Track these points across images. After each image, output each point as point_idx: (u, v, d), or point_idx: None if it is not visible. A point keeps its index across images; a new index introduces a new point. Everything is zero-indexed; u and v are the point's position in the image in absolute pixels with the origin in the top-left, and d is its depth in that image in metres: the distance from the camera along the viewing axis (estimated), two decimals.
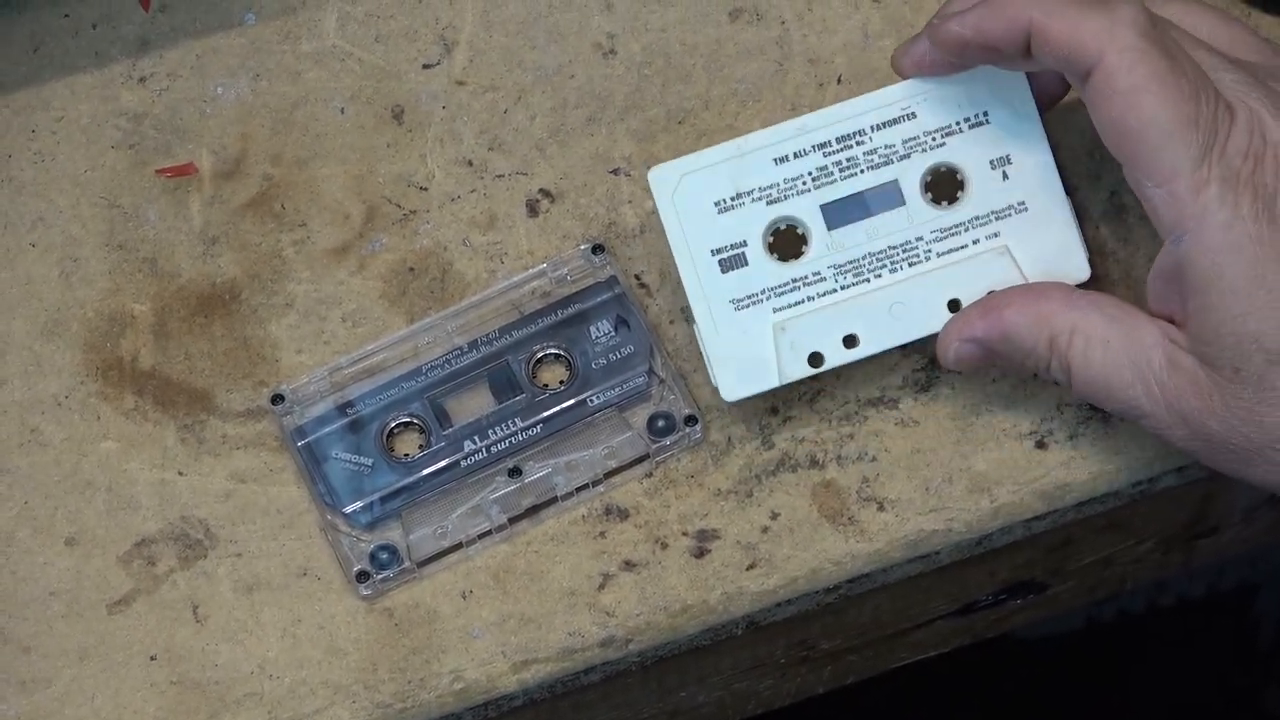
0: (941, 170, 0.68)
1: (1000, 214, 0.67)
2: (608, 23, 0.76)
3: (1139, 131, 0.62)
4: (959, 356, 0.67)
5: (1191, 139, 0.61)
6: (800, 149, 0.67)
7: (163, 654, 0.69)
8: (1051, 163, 0.68)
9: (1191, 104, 0.61)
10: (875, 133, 0.67)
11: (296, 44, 0.76)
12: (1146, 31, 0.62)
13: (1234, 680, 1.42)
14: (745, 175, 0.67)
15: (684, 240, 0.66)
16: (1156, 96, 0.61)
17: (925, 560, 0.71)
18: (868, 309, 0.66)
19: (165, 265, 0.73)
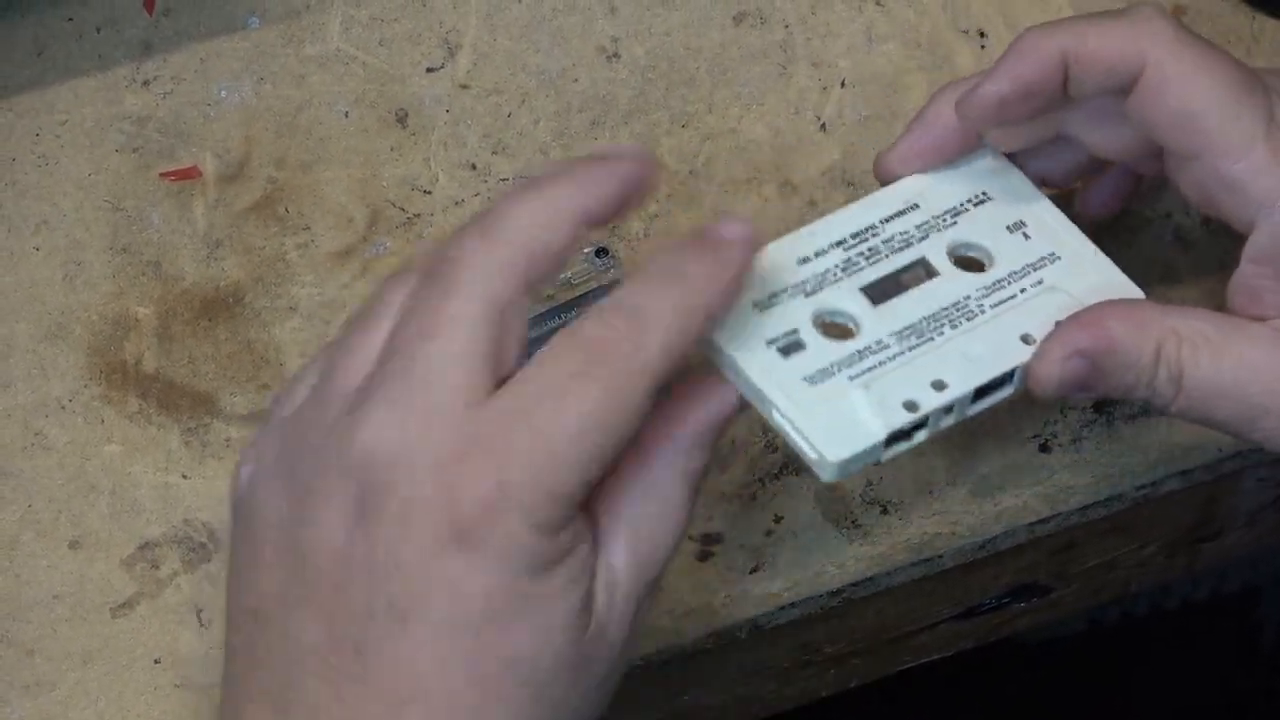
0: (962, 244, 0.66)
1: (1036, 265, 0.65)
2: (611, 26, 0.76)
3: (1204, 112, 0.61)
4: (1065, 376, 0.63)
5: (1258, 103, 0.61)
6: (819, 248, 0.65)
7: (166, 657, 0.69)
8: (1064, 217, 0.66)
9: (1243, 73, 0.62)
10: (885, 225, 0.65)
11: (300, 47, 0.76)
12: (1177, 24, 0.62)
13: (1238, 683, 1.42)
14: (775, 277, 0.64)
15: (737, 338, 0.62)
16: (1210, 74, 0.61)
17: (928, 563, 0.71)
18: (943, 359, 0.62)
19: (169, 268, 0.73)
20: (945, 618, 0.82)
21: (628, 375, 0.57)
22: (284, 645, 0.58)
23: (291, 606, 0.58)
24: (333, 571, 0.57)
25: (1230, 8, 0.75)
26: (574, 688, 0.58)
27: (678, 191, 0.74)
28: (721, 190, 0.74)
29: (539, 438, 0.56)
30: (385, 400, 0.57)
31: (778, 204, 0.74)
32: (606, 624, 0.58)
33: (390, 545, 0.56)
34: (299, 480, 0.58)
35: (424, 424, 0.56)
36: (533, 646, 0.57)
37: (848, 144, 0.74)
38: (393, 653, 0.56)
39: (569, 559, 0.57)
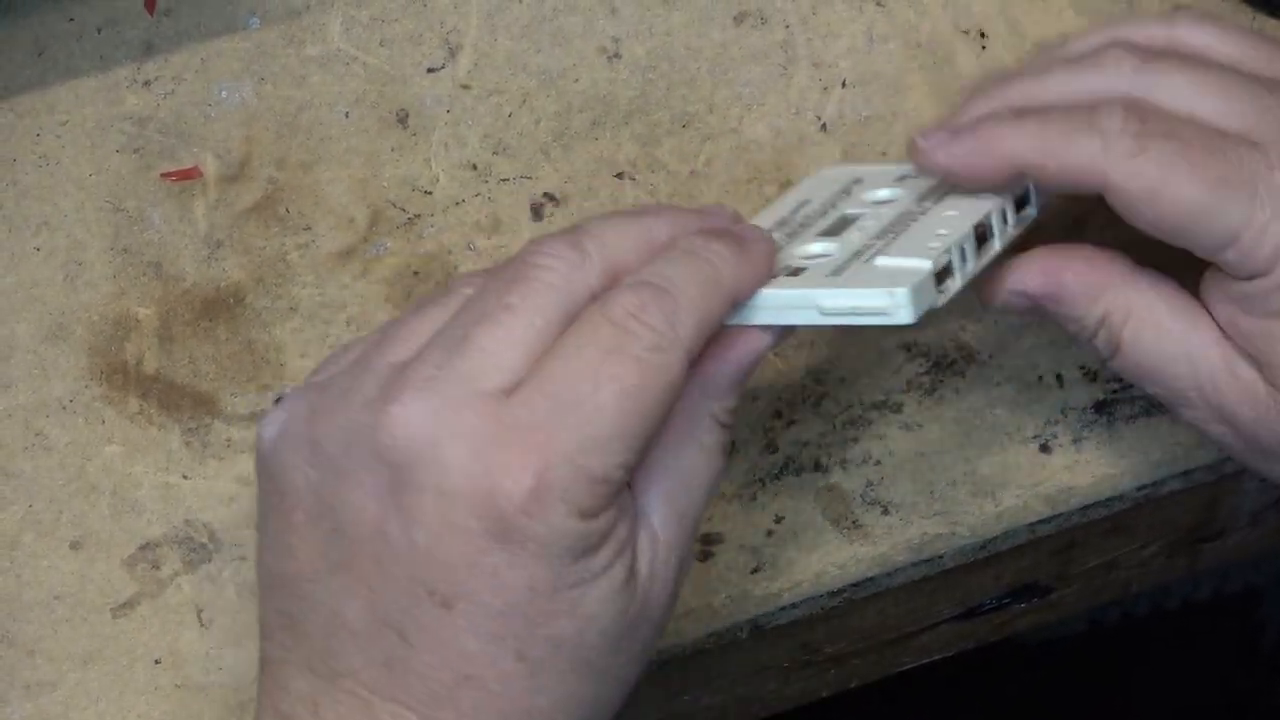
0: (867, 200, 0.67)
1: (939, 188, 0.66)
2: (612, 26, 0.76)
3: (1179, 222, 0.59)
4: (1006, 304, 0.64)
5: (1232, 196, 0.59)
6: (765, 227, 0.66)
7: (167, 658, 0.69)
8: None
9: (1215, 166, 0.59)
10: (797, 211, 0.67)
11: (301, 48, 0.76)
12: (1139, 129, 0.59)
13: (1238, 684, 1.42)
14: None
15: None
16: (1177, 184, 0.59)
17: (929, 564, 0.71)
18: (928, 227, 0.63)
19: (170, 269, 0.73)
20: (946, 618, 0.82)
21: (662, 350, 0.57)
22: (325, 617, 0.57)
23: (329, 575, 0.57)
24: (370, 545, 0.56)
25: (1230, 8, 0.75)
26: (619, 655, 0.58)
27: (679, 191, 0.74)
28: (722, 190, 0.74)
29: (577, 423, 0.55)
30: (421, 381, 0.56)
31: None
32: (650, 587, 0.58)
33: (430, 536, 0.55)
34: (327, 450, 0.57)
35: (458, 410, 0.56)
36: (579, 626, 0.57)
37: (848, 144, 0.74)
38: (439, 636, 0.56)
39: (611, 536, 0.57)
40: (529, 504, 0.55)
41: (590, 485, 0.55)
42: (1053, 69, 0.63)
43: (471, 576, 0.55)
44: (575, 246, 0.58)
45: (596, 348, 0.56)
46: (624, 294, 0.57)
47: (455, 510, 0.55)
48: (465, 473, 0.55)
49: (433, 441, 0.55)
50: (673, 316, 0.57)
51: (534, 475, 0.55)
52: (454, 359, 0.56)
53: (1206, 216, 0.59)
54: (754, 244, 0.61)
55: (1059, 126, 0.60)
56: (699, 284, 0.58)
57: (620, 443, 0.56)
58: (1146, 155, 0.59)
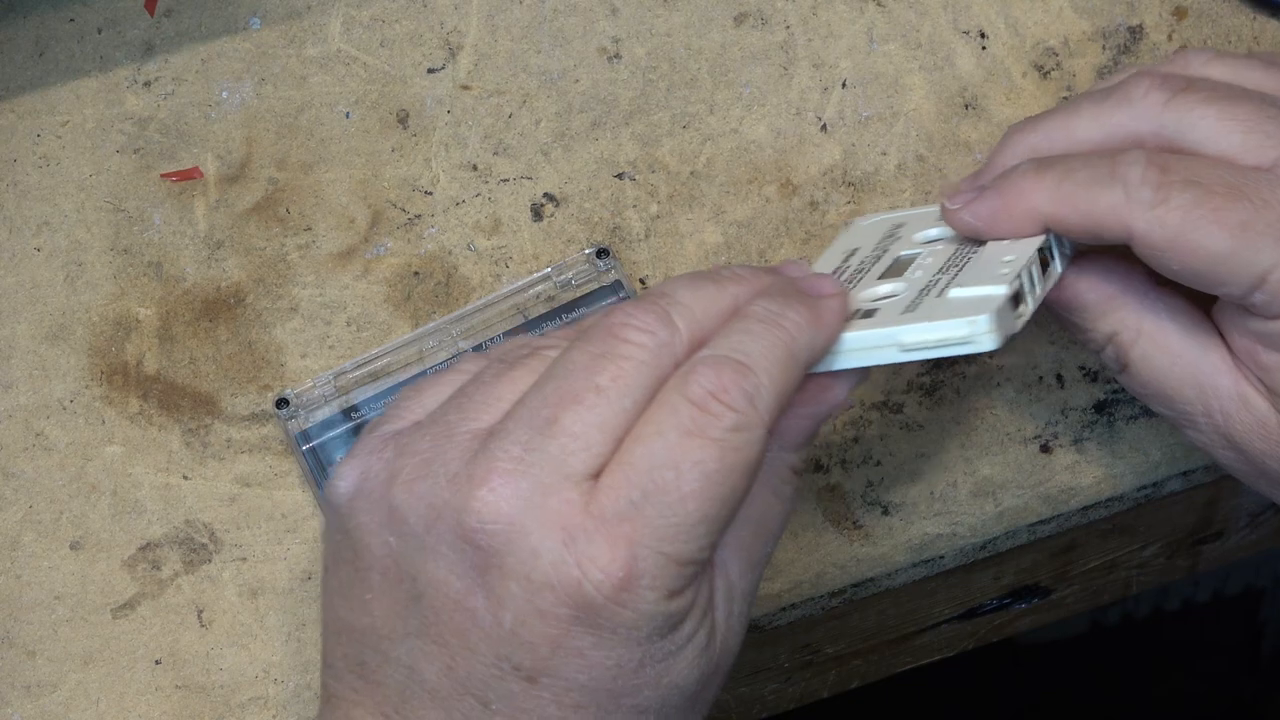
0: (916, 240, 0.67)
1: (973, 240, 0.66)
2: (612, 27, 0.76)
3: (1205, 269, 0.59)
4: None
5: (1256, 241, 0.58)
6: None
7: (167, 658, 0.69)
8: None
9: (1238, 211, 0.58)
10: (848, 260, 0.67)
11: (301, 48, 0.76)
12: (1160, 180, 0.59)
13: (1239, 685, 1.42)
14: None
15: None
16: (1200, 232, 0.58)
17: (930, 564, 0.71)
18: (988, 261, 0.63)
19: (170, 269, 0.73)
20: (946, 619, 0.82)
21: (742, 430, 0.56)
22: (402, 674, 0.58)
23: (405, 635, 0.57)
24: (453, 617, 0.56)
25: (1231, 8, 0.75)
26: (694, 711, 0.59)
27: (679, 192, 0.74)
28: (723, 191, 0.74)
29: (662, 511, 0.55)
30: (510, 462, 0.56)
31: (779, 204, 0.74)
32: (727, 640, 0.59)
33: (516, 619, 0.55)
34: (408, 520, 0.57)
35: (546, 497, 0.55)
36: (663, 695, 0.57)
37: (849, 144, 0.74)
38: (522, 706, 0.56)
39: (695, 606, 0.57)
40: (618, 594, 0.55)
41: (678, 569, 0.56)
42: (1082, 105, 0.62)
43: (556, 656, 0.56)
44: (665, 322, 0.58)
45: (678, 431, 0.56)
46: (704, 373, 0.57)
47: (543, 598, 0.55)
48: (554, 562, 0.55)
49: (522, 530, 0.55)
50: (753, 395, 0.56)
51: (622, 567, 0.55)
52: (542, 440, 0.56)
53: (1231, 263, 0.58)
54: (828, 300, 0.60)
55: (1080, 178, 0.60)
56: (777, 357, 0.58)
57: (705, 526, 0.56)
58: (1168, 205, 0.58)
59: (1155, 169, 0.59)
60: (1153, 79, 0.61)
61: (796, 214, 0.74)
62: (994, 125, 0.74)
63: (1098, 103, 0.62)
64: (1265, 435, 0.61)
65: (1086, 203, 0.59)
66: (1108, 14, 0.75)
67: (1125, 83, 0.62)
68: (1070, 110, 0.62)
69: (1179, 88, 0.61)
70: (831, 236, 0.73)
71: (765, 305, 0.59)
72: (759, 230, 0.73)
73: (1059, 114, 0.63)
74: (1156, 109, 0.60)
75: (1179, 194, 0.58)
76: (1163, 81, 0.61)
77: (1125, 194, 0.59)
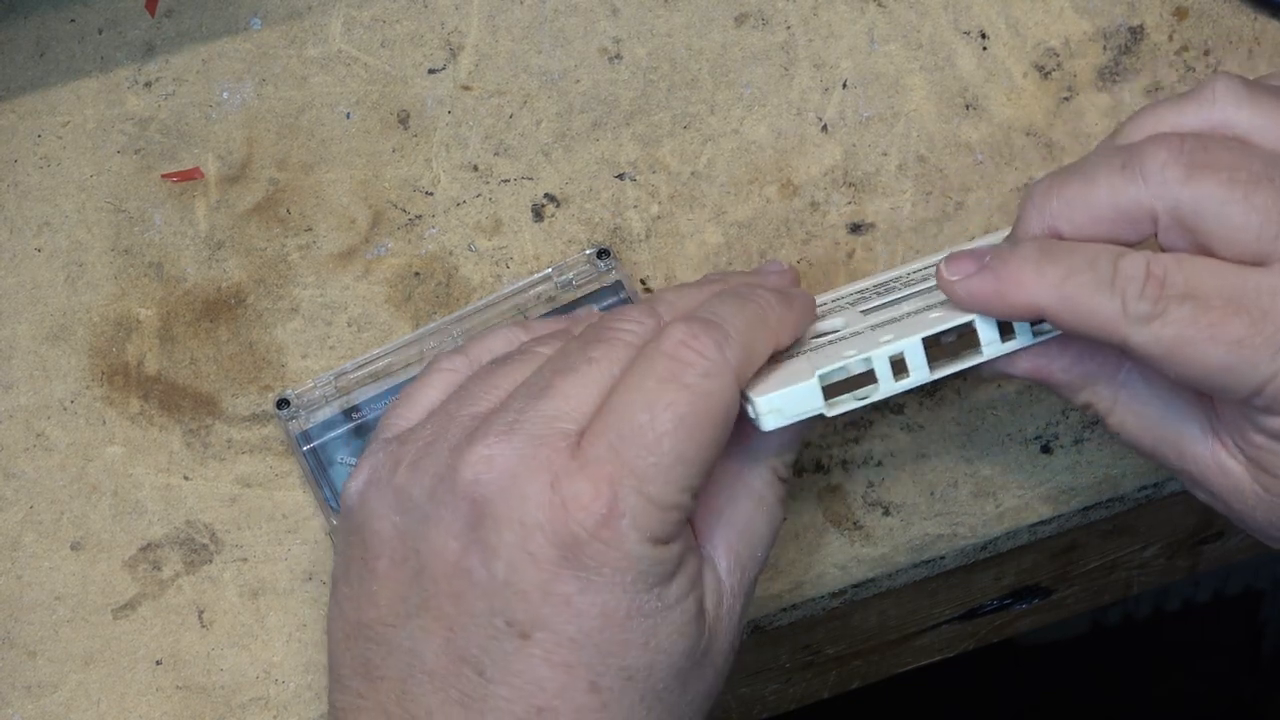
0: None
1: None
2: (613, 28, 0.76)
3: (1200, 380, 0.59)
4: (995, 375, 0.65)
5: (1253, 356, 0.58)
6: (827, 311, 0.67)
7: (168, 659, 0.69)
8: None
9: (1235, 327, 0.58)
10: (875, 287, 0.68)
11: (302, 49, 0.76)
12: (1158, 293, 0.58)
13: (1240, 685, 1.42)
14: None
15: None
16: (1196, 349, 0.58)
17: (930, 565, 0.71)
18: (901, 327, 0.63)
19: (171, 270, 0.73)
20: (947, 619, 0.82)
21: (712, 375, 0.59)
22: (403, 660, 0.59)
23: (408, 616, 0.59)
24: (450, 582, 0.59)
25: (1231, 8, 0.75)
26: (686, 694, 0.60)
27: (680, 192, 0.74)
28: (724, 191, 0.74)
29: (640, 452, 0.58)
30: (505, 425, 0.59)
31: (779, 205, 0.74)
32: (716, 630, 0.61)
33: (508, 566, 0.58)
34: (413, 496, 0.60)
35: (537, 448, 0.58)
36: (650, 658, 0.58)
37: (849, 145, 0.74)
38: (515, 668, 0.58)
39: (681, 572, 0.59)
40: (600, 529, 0.57)
41: (659, 511, 0.58)
42: (1099, 173, 0.61)
43: (546, 603, 0.58)
44: (651, 313, 0.62)
45: (653, 379, 0.59)
46: (676, 328, 0.60)
47: (532, 539, 0.58)
48: (540, 503, 0.58)
49: (513, 477, 0.58)
50: (722, 344, 0.59)
51: (605, 504, 0.57)
52: (536, 403, 0.59)
53: (1227, 377, 0.58)
54: (797, 297, 0.64)
55: (1082, 282, 0.59)
56: (746, 318, 0.61)
57: (682, 468, 0.58)
58: (1165, 319, 0.58)
59: (1154, 283, 0.58)
60: (1171, 149, 0.59)
61: (797, 214, 0.74)
62: (995, 125, 0.74)
63: (1115, 172, 0.60)
64: (1241, 499, 0.61)
65: (1085, 310, 0.59)
66: (1108, 14, 0.75)
67: (1144, 149, 0.60)
68: (1089, 179, 0.61)
69: (1198, 163, 0.59)
70: (832, 237, 0.73)
71: (739, 287, 0.63)
72: (759, 231, 0.73)
73: (1078, 179, 0.61)
74: (1174, 186, 0.59)
75: (1176, 308, 0.58)
76: (1181, 152, 0.59)
77: (1123, 307, 0.58)
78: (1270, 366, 0.58)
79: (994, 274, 0.60)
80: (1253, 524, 0.62)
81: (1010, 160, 0.74)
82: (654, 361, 0.59)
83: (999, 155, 0.74)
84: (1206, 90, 0.62)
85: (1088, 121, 0.74)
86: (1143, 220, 0.59)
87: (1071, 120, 0.74)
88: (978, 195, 0.73)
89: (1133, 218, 0.59)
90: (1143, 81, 0.75)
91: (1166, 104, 0.62)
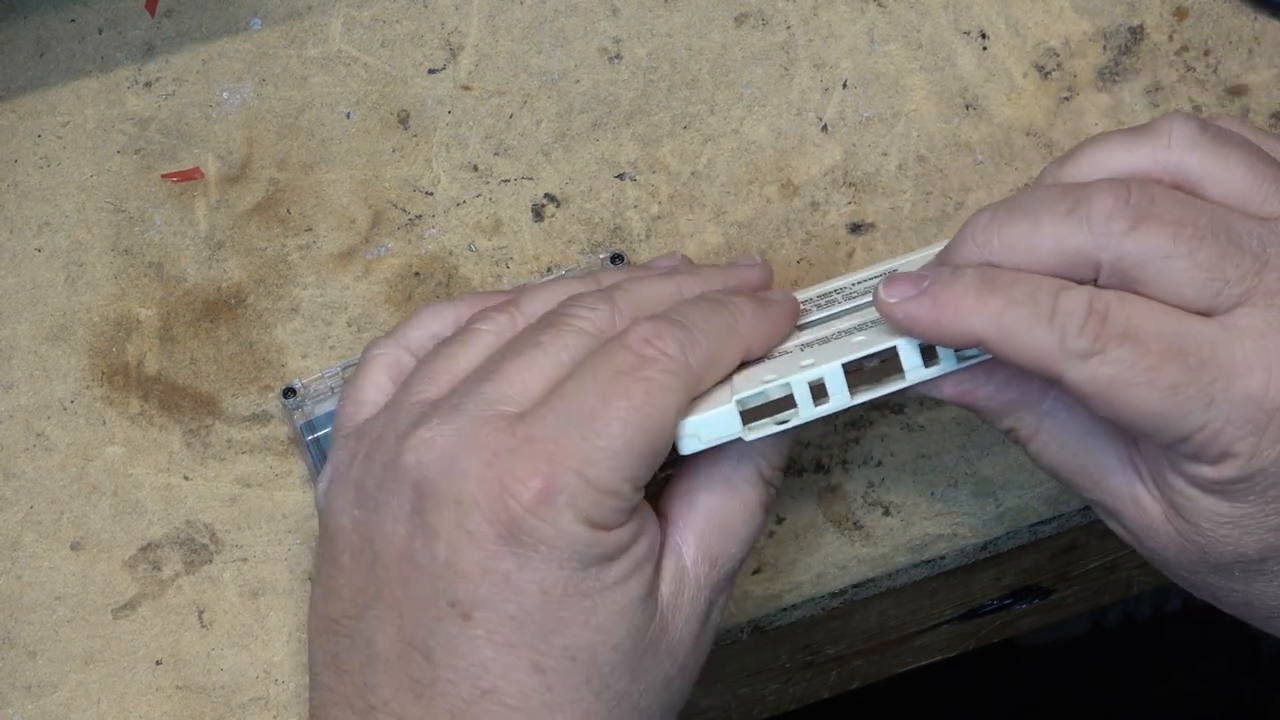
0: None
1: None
2: (613, 28, 0.76)
3: (1130, 423, 0.58)
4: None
5: (1185, 405, 0.57)
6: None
7: (168, 659, 0.69)
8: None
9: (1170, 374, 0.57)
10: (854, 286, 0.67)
11: (302, 49, 0.76)
12: (1098, 331, 0.57)
13: (1239, 685, 1.42)
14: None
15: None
16: (1130, 391, 0.57)
17: (930, 565, 0.71)
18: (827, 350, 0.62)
19: (171, 270, 0.73)
20: (947, 619, 0.82)
21: (671, 373, 0.59)
22: (362, 652, 0.60)
23: (366, 607, 0.60)
24: (399, 568, 0.59)
25: (1231, 8, 0.75)
26: (637, 681, 0.60)
27: (680, 192, 0.74)
28: (723, 191, 0.74)
29: (585, 435, 0.58)
30: (448, 408, 0.59)
31: (779, 205, 0.74)
32: (672, 617, 0.60)
33: (449, 547, 0.58)
34: (366, 486, 0.60)
35: (478, 428, 0.58)
36: (590, 636, 0.58)
37: (849, 145, 0.74)
38: (460, 650, 0.58)
39: (626, 554, 0.59)
40: (536, 506, 0.57)
41: (597, 496, 0.58)
42: (1043, 216, 0.59)
43: (486, 582, 0.58)
44: (606, 300, 0.61)
45: (610, 369, 0.59)
46: (643, 324, 0.60)
47: (470, 517, 0.58)
48: (479, 479, 0.58)
49: (453, 457, 0.58)
50: (686, 346, 0.59)
51: (542, 480, 0.57)
52: (480, 385, 0.59)
53: (1158, 421, 0.58)
54: (777, 305, 0.64)
55: (1021, 315, 0.58)
56: (716, 326, 0.61)
57: (626, 458, 0.58)
58: (1102, 357, 0.57)
59: (1095, 319, 0.57)
60: (1118, 198, 0.58)
61: (797, 214, 0.74)
62: (995, 125, 0.74)
63: (1060, 218, 0.59)
64: (1154, 536, 0.61)
65: (1023, 342, 0.58)
66: (1108, 14, 0.75)
67: (1092, 196, 0.59)
68: (1033, 220, 0.59)
69: (1144, 214, 0.58)
70: (832, 236, 0.73)
71: (714, 292, 0.63)
72: (759, 231, 0.73)
73: (1022, 219, 0.60)
74: (1117, 238, 0.58)
75: (1115, 349, 0.57)
76: (1128, 203, 0.58)
77: (1061, 342, 0.57)
78: (1201, 416, 0.57)
79: (932, 299, 0.59)
80: (1161, 563, 0.62)
81: (1010, 160, 0.74)
82: (614, 354, 0.59)
83: (999, 155, 0.74)
84: (1161, 129, 0.61)
85: (1088, 121, 0.74)
86: (1084, 267, 0.58)
87: (1071, 120, 0.74)
88: (978, 195, 0.73)
89: (1074, 264, 0.58)
90: (1143, 81, 0.75)
91: (1118, 138, 0.61)
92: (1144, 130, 0.61)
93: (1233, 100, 0.75)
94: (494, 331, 0.63)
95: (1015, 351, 0.58)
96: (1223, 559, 0.60)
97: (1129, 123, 0.74)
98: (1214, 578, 0.61)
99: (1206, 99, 0.75)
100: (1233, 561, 0.60)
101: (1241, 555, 0.60)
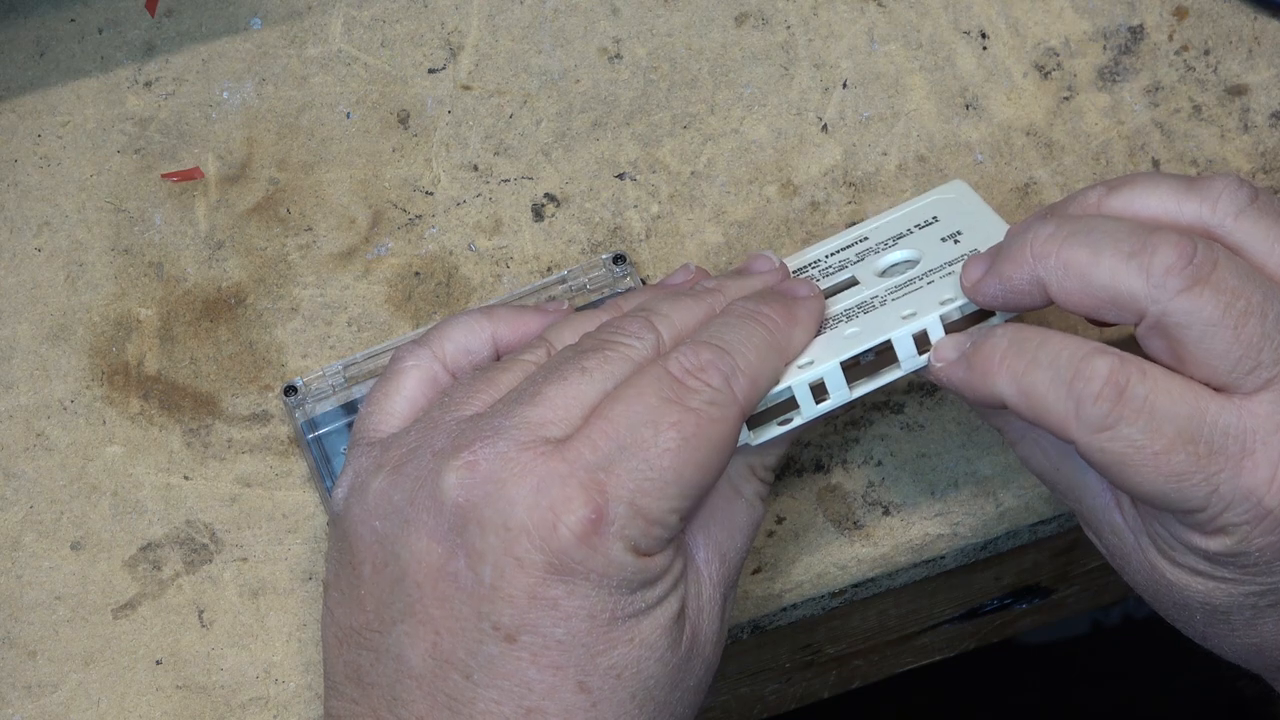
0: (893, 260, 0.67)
1: (954, 260, 0.65)
2: (613, 27, 0.76)
3: (1132, 493, 0.59)
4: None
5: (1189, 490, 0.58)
6: None
7: (168, 658, 0.69)
8: (1003, 222, 0.66)
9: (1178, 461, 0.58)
10: (828, 258, 0.68)
11: (302, 49, 0.76)
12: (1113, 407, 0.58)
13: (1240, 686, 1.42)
14: None
15: None
16: (1136, 470, 0.58)
17: (930, 565, 0.71)
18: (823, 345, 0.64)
19: (171, 269, 0.73)
20: (947, 619, 0.82)
21: (719, 405, 0.59)
22: (391, 666, 0.59)
23: (393, 622, 0.59)
24: (435, 587, 0.59)
25: (1231, 8, 0.75)
26: (675, 690, 0.60)
27: (680, 192, 0.74)
28: (724, 191, 0.74)
29: (637, 465, 0.58)
30: (489, 429, 0.59)
31: (779, 204, 0.74)
32: (699, 622, 0.61)
33: (495, 571, 0.58)
34: (393, 500, 0.60)
35: (522, 452, 0.58)
36: (637, 656, 0.59)
37: (849, 144, 0.74)
38: (503, 670, 0.58)
39: (666, 574, 0.59)
40: (587, 536, 0.57)
41: (646, 526, 0.58)
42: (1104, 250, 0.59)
43: (534, 608, 0.57)
44: (649, 327, 0.61)
45: (657, 395, 0.58)
46: (685, 352, 0.60)
47: (519, 544, 0.57)
48: (529, 507, 0.57)
49: (499, 483, 0.58)
50: (729, 375, 0.59)
51: (594, 510, 0.57)
52: (523, 409, 0.59)
53: (1159, 499, 0.58)
54: (804, 303, 0.64)
55: (1042, 379, 0.59)
56: (754, 345, 0.61)
57: (677, 488, 0.58)
58: (1113, 435, 0.58)
59: (1112, 390, 0.58)
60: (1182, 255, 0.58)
61: (797, 214, 0.74)
62: (995, 125, 0.74)
63: (1121, 259, 0.59)
64: (1124, 560, 0.62)
65: (1040, 405, 0.59)
66: (1108, 14, 0.75)
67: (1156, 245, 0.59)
68: (1095, 252, 0.59)
69: (1201, 278, 0.58)
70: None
71: (744, 303, 0.63)
72: (759, 230, 0.73)
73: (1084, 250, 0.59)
74: (1170, 295, 0.58)
75: (1127, 426, 0.58)
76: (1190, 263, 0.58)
77: (1076, 410, 0.58)
78: (1202, 500, 0.58)
79: (969, 365, 0.61)
80: (1130, 582, 0.63)
81: (1010, 160, 0.74)
82: (660, 381, 0.59)
83: (999, 155, 0.74)
84: (1213, 190, 0.61)
85: (1088, 121, 0.74)
86: (1131, 311, 0.59)
87: (1071, 120, 0.74)
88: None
89: (1123, 305, 0.59)
90: (1143, 81, 0.75)
91: (1169, 186, 0.61)
92: (1196, 185, 0.61)
93: (1232, 100, 0.75)
94: (534, 363, 0.62)
95: (1034, 413, 0.59)
96: (1189, 602, 0.61)
97: (1128, 122, 0.74)
98: (1175, 612, 0.62)
99: (1206, 99, 0.75)
100: (1198, 605, 0.61)
101: (1207, 603, 0.61)
